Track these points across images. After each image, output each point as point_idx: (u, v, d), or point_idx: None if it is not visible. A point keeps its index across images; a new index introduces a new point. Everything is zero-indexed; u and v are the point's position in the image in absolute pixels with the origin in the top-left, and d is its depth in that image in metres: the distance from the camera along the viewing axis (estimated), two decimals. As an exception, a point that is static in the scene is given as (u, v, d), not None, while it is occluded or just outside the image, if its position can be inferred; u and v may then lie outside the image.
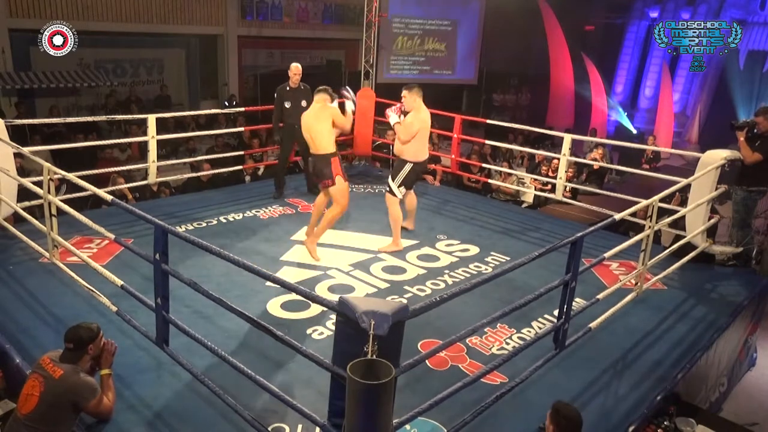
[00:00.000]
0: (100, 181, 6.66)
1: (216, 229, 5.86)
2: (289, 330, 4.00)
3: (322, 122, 5.00)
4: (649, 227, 4.49)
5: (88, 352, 2.99)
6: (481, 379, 3.21)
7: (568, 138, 6.64)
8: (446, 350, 3.48)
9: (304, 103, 6.39)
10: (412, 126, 5.26)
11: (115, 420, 3.15)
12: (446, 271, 5.20)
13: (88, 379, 2.95)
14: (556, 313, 3.70)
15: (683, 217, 5.33)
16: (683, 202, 6.12)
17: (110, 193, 5.42)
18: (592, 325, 3.90)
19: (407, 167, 5.33)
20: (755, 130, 5.38)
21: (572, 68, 16.11)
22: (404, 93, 5.39)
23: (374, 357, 2.16)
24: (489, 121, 8.67)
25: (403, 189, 5.39)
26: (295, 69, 6.79)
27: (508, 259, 5.53)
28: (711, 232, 5.68)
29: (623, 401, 3.60)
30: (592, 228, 3.79)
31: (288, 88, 6.76)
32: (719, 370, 4.80)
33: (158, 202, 6.92)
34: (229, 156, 8.33)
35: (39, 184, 4.62)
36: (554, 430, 2.82)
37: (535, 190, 8.04)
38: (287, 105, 6.65)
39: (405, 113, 5.46)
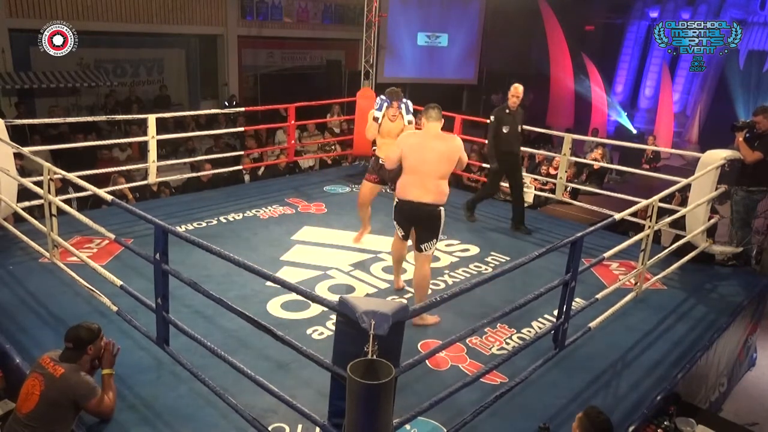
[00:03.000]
0: (100, 181, 6.66)
1: (216, 229, 5.86)
2: (289, 330, 4.00)
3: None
4: (649, 227, 4.49)
5: (88, 353, 2.99)
6: (481, 379, 3.21)
7: (568, 138, 6.65)
8: (446, 350, 3.48)
9: (521, 128, 6.05)
10: (390, 151, 4.34)
11: (116, 419, 3.15)
12: (446, 271, 5.20)
13: (88, 378, 2.95)
14: (556, 313, 3.70)
15: (683, 217, 5.33)
16: (683, 202, 6.12)
17: (111, 193, 5.42)
18: (592, 324, 3.90)
19: (395, 202, 4.25)
20: (755, 130, 5.38)
21: (572, 68, 16.10)
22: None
23: (374, 357, 2.16)
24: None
25: (397, 226, 4.30)
26: (514, 91, 6.01)
27: (508, 259, 5.53)
28: (711, 232, 5.68)
29: (623, 401, 3.60)
30: (592, 228, 3.79)
31: (507, 111, 6.05)
32: (719, 370, 4.80)
33: (158, 202, 6.92)
34: (229, 156, 8.33)
35: (39, 184, 4.62)
36: None
37: (535, 190, 8.03)
38: (505, 130, 5.99)
39: None
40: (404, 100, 5.30)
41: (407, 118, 5.27)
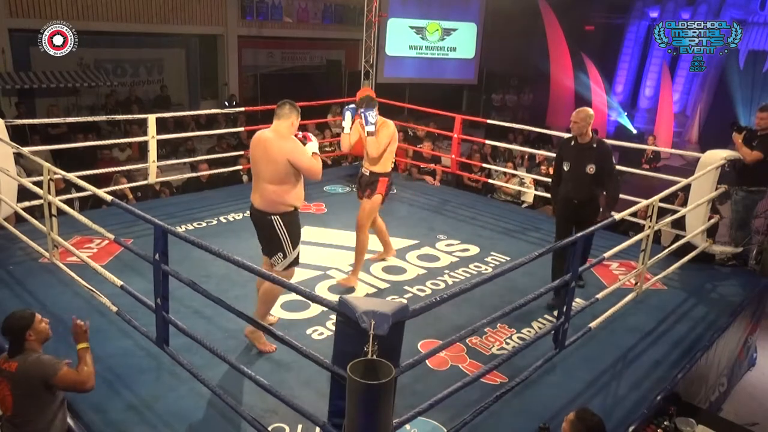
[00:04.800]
0: (100, 181, 6.66)
1: (216, 229, 5.86)
2: (289, 330, 4.00)
3: None
4: (649, 227, 4.49)
5: (28, 339, 2.87)
6: (481, 379, 3.21)
7: (568, 138, 6.62)
8: (446, 350, 3.48)
9: (591, 169, 4.44)
10: None
11: (115, 420, 3.15)
12: (446, 271, 5.20)
13: (44, 356, 2.87)
14: (556, 313, 3.70)
15: (683, 217, 5.34)
16: (686, 202, 6.11)
17: (112, 193, 5.42)
18: (592, 324, 3.90)
19: None
20: (754, 129, 5.38)
21: (572, 68, 16.11)
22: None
23: (374, 357, 2.16)
24: (489, 121, 8.69)
25: None
26: (574, 115, 4.50)
27: (508, 259, 5.53)
28: (711, 232, 5.68)
29: (623, 401, 3.60)
30: (592, 228, 3.79)
31: (572, 143, 4.57)
32: (719, 370, 4.80)
33: (158, 202, 6.92)
34: (229, 156, 8.33)
35: (39, 184, 4.62)
36: None
37: (535, 190, 8.04)
38: (565, 167, 4.60)
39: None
40: (367, 110, 4.62)
41: (367, 129, 4.66)
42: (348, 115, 4.76)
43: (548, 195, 7.60)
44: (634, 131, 15.61)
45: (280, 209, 3.69)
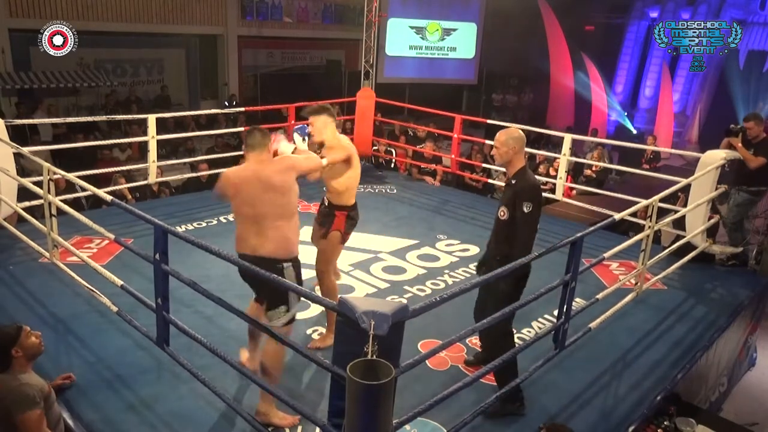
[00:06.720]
0: (100, 181, 6.66)
1: (216, 229, 5.86)
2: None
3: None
4: (649, 227, 4.49)
5: (15, 356, 2.70)
6: (481, 379, 3.20)
7: (568, 138, 6.63)
8: (446, 350, 3.47)
9: (502, 213, 3.58)
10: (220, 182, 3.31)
11: (115, 420, 3.15)
12: (446, 271, 5.20)
13: (27, 389, 2.66)
14: (556, 313, 3.70)
15: (684, 217, 5.33)
16: (686, 203, 6.11)
17: (111, 193, 5.42)
18: (592, 325, 3.89)
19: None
20: (746, 135, 5.36)
21: (572, 68, 16.11)
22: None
23: (374, 357, 2.16)
24: (489, 121, 8.68)
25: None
26: (496, 139, 3.64)
27: (508, 259, 5.52)
28: (711, 232, 5.68)
29: (623, 401, 3.60)
30: (592, 228, 3.78)
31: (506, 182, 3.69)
32: (719, 370, 4.80)
33: (158, 202, 6.92)
34: (229, 156, 8.33)
35: (39, 184, 4.62)
36: None
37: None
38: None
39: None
40: (299, 128, 3.93)
41: (296, 145, 3.81)
42: (297, 138, 3.88)
43: (549, 195, 7.63)
44: (634, 131, 15.62)
45: (294, 252, 3.11)
